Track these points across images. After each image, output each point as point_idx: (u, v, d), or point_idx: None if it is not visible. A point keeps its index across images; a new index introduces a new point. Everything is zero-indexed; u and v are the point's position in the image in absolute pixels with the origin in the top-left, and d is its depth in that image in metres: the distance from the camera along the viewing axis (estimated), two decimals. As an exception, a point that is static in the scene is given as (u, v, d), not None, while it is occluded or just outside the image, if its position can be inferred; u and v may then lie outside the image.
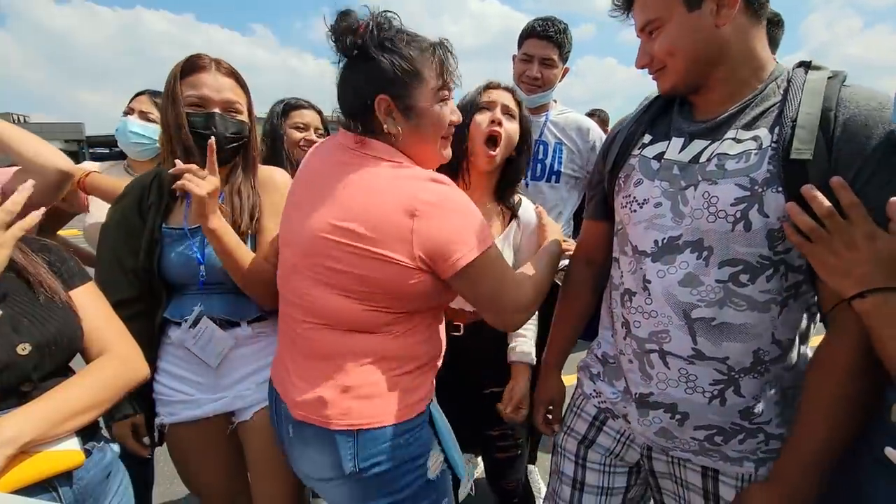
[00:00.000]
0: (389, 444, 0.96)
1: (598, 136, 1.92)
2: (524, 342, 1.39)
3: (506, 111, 1.31)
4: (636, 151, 1.03)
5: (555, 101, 2.00)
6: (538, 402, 1.29)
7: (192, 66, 1.19)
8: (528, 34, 1.85)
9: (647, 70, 0.96)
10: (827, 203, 0.75)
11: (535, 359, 1.38)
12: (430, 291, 0.96)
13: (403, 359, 1.00)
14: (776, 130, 0.83)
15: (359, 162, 0.94)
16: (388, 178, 0.92)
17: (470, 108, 1.31)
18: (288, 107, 1.85)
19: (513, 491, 1.48)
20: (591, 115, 4.23)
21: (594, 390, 1.13)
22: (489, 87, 1.35)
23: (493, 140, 1.30)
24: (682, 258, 0.90)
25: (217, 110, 1.20)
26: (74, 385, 0.87)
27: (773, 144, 0.83)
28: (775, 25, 1.50)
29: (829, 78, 0.83)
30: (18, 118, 26.28)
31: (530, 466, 2.29)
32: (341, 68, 0.98)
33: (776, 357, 0.89)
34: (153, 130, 1.72)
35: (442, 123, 1.00)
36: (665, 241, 0.92)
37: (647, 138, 1.03)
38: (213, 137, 1.13)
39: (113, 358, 0.95)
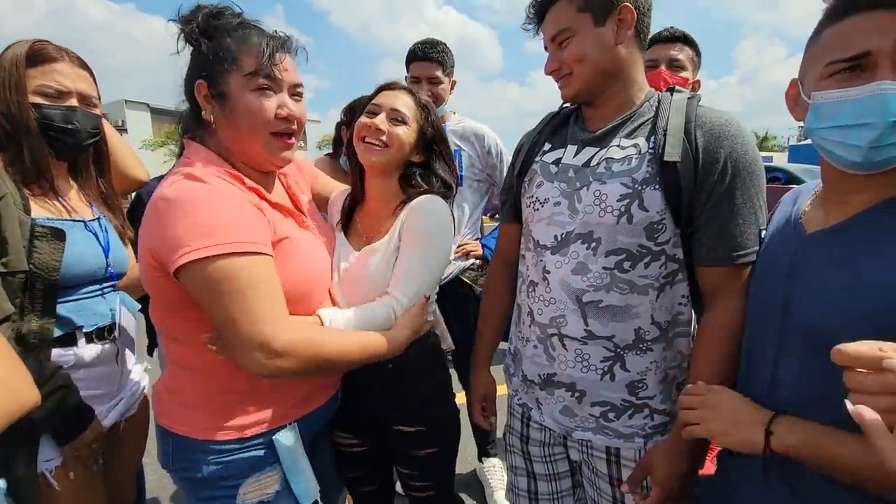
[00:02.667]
0: (197, 457, 0.95)
1: (493, 141, 2.07)
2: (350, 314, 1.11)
3: (393, 115, 1.15)
4: (538, 158, 1.15)
5: (453, 113, 2.14)
6: (473, 399, 1.35)
7: (42, 53, 1.09)
8: (412, 58, 1.98)
9: (553, 77, 1.07)
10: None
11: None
12: (176, 296, 0.89)
13: (218, 379, 0.96)
14: (651, 139, 0.98)
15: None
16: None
17: (358, 109, 1.24)
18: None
19: None
20: None
21: (512, 388, 1.24)
22: (383, 88, 1.22)
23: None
24: (574, 249, 1.02)
25: (76, 103, 1.12)
26: None
27: (650, 150, 0.97)
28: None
29: (688, 98, 1.01)
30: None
31: (494, 460, 2.35)
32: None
33: (656, 337, 1.01)
34: None
35: (258, 115, 0.93)
36: (563, 235, 1.04)
37: (547, 146, 1.15)
38: None
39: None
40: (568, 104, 1.18)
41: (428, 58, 1.94)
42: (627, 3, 0.97)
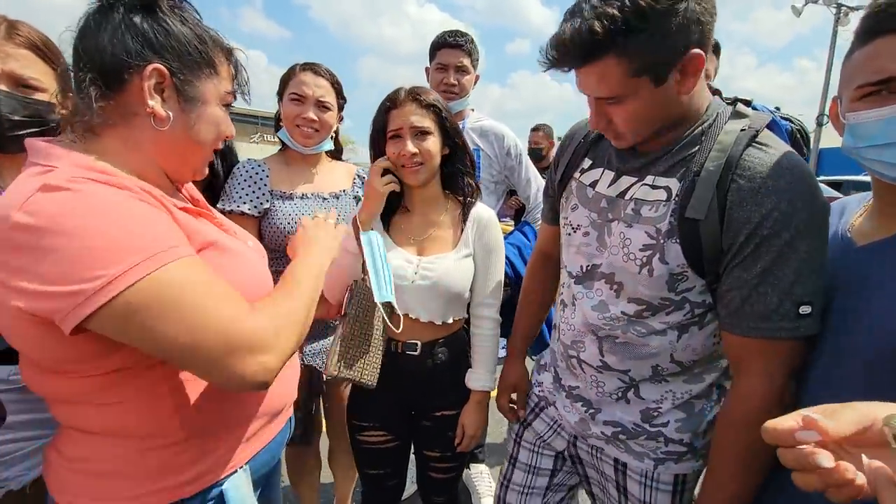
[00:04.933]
0: None
1: (512, 142, 2.02)
2: (482, 368, 1.33)
3: (416, 132, 1.23)
4: (577, 174, 1.08)
5: (472, 110, 2.09)
6: (502, 388, 1.34)
7: None
8: (440, 45, 1.95)
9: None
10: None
11: (493, 385, 1.35)
12: (71, 351, 0.67)
13: (139, 434, 0.75)
14: (683, 183, 0.85)
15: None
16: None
17: (380, 134, 1.28)
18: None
19: (444, 503, 1.48)
20: (536, 129, 4.47)
21: (537, 380, 1.23)
22: (391, 107, 1.25)
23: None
24: (598, 286, 0.98)
25: (1, 86, 0.95)
26: None
27: (676, 198, 0.85)
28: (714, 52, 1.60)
29: (742, 130, 0.83)
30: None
31: (481, 466, 2.33)
32: (93, 12, 0.73)
33: (676, 373, 0.96)
34: None
35: (218, 132, 0.83)
36: (589, 267, 1.00)
37: (586, 163, 1.07)
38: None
39: None
40: None
41: (458, 45, 1.92)
42: (696, 51, 0.78)
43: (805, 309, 0.78)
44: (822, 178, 9.67)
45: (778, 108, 0.98)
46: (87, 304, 0.60)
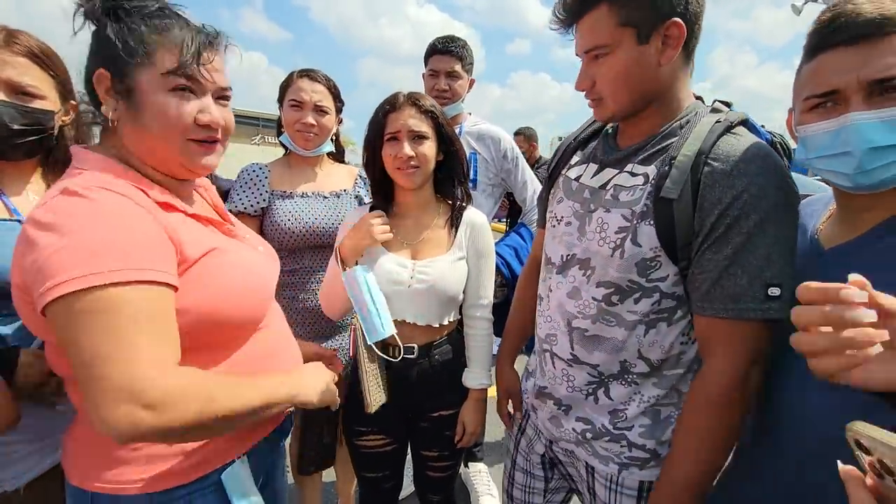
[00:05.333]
0: None
1: (508, 145, 2.05)
2: (478, 367, 1.37)
3: (413, 136, 1.25)
4: (564, 170, 1.12)
5: (469, 114, 2.12)
6: (501, 395, 1.37)
7: None
8: (432, 52, 1.98)
9: (584, 94, 0.97)
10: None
11: (491, 382, 1.39)
12: None
13: None
14: (660, 169, 0.88)
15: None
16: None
17: (377, 136, 1.29)
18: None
19: (441, 501, 1.50)
20: (517, 133, 4.50)
21: (524, 387, 1.26)
22: (390, 110, 1.27)
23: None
24: (572, 273, 1.01)
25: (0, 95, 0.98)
26: None
27: (653, 181, 0.89)
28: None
29: (716, 122, 0.87)
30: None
31: (480, 465, 2.35)
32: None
33: (645, 372, 0.96)
34: None
35: (173, 119, 0.80)
36: (568, 256, 1.03)
37: (575, 158, 1.12)
38: None
39: None
40: None
41: (448, 51, 1.96)
42: (677, 18, 0.84)
43: (774, 291, 0.79)
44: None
45: (763, 126, 1.03)
46: (46, 294, 0.64)
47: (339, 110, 1.70)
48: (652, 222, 0.87)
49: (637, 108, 0.93)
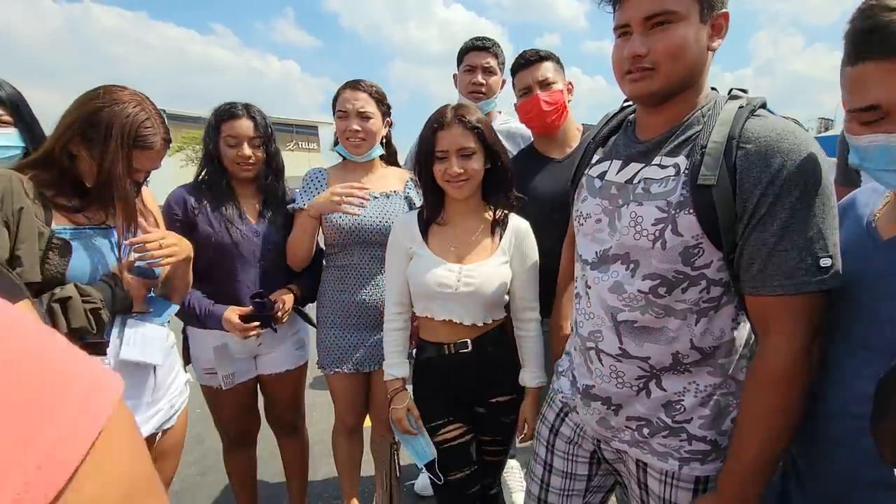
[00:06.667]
0: None
1: None
2: (533, 366, 1.45)
3: (461, 153, 1.32)
4: (586, 171, 1.13)
5: (499, 112, 2.17)
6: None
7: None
8: (467, 50, 2.05)
9: (626, 70, 0.93)
10: None
11: (545, 380, 1.44)
12: None
13: None
14: (691, 158, 0.89)
15: None
16: None
17: (429, 153, 1.36)
18: (220, 118, 1.63)
19: (489, 486, 1.57)
20: None
21: (559, 386, 1.24)
22: (438, 128, 1.35)
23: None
24: (614, 268, 1.00)
25: None
26: None
27: (686, 171, 0.89)
28: None
29: (739, 108, 0.89)
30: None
31: (512, 462, 2.36)
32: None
33: (697, 361, 0.96)
34: (15, 136, 1.38)
35: None
36: (601, 252, 1.03)
37: (596, 157, 1.13)
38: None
39: None
40: (628, 105, 1.14)
41: (484, 48, 2.02)
42: (727, 10, 0.89)
43: (825, 262, 0.80)
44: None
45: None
46: None
47: (385, 114, 1.78)
48: (691, 211, 0.88)
49: (680, 88, 0.92)
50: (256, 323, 1.57)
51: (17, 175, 1.11)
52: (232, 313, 1.57)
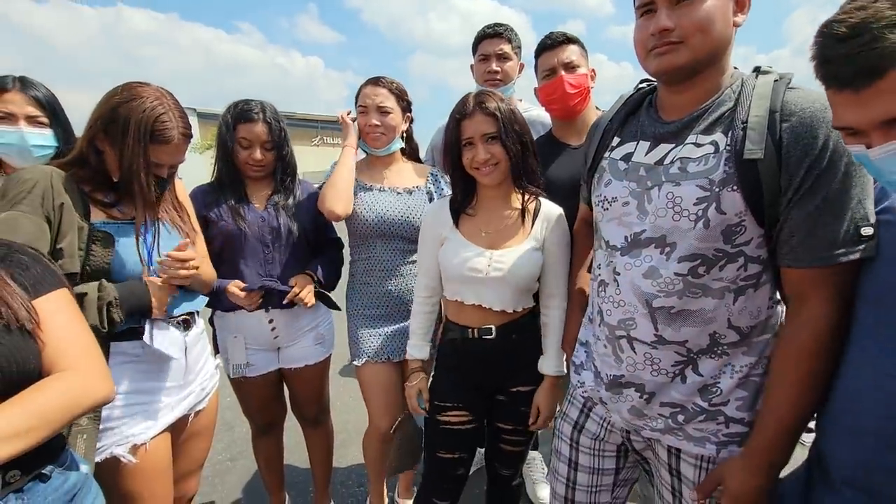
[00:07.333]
0: None
1: None
2: (554, 353, 1.43)
3: (486, 139, 1.33)
4: (607, 154, 1.10)
5: (520, 100, 2.14)
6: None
7: None
8: (480, 38, 2.03)
9: (650, 47, 0.92)
10: None
11: (564, 369, 1.42)
12: None
13: None
14: (730, 134, 0.88)
15: None
16: None
17: (456, 141, 1.37)
18: (236, 119, 1.64)
19: (510, 477, 1.58)
20: None
21: (579, 381, 1.21)
22: (463, 118, 1.35)
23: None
24: (647, 252, 0.97)
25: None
26: (6, 407, 0.74)
27: (728, 147, 0.88)
28: None
29: (775, 81, 0.89)
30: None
31: (535, 453, 2.37)
32: None
33: (734, 342, 0.95)
34: (50, 137, 1.42)
35: None
36: (632, 236, 1.00)
37: (615, 140, 1.10)
38: None
39: (69, 376, 0.83)
40: (644, 85, 1.12)
41: (497, 34, 1.99)
42: None
43: (867, 230, 0.80)
44: None
45: None
46: None
47: (405, 109, 1.80)
48: (736, 187, 0.87)
49: (706, 63, 0.91)
50: (259, 293, 1.64)
51: (57, 171, 1.16)
52: (233, 286, 1.61)
